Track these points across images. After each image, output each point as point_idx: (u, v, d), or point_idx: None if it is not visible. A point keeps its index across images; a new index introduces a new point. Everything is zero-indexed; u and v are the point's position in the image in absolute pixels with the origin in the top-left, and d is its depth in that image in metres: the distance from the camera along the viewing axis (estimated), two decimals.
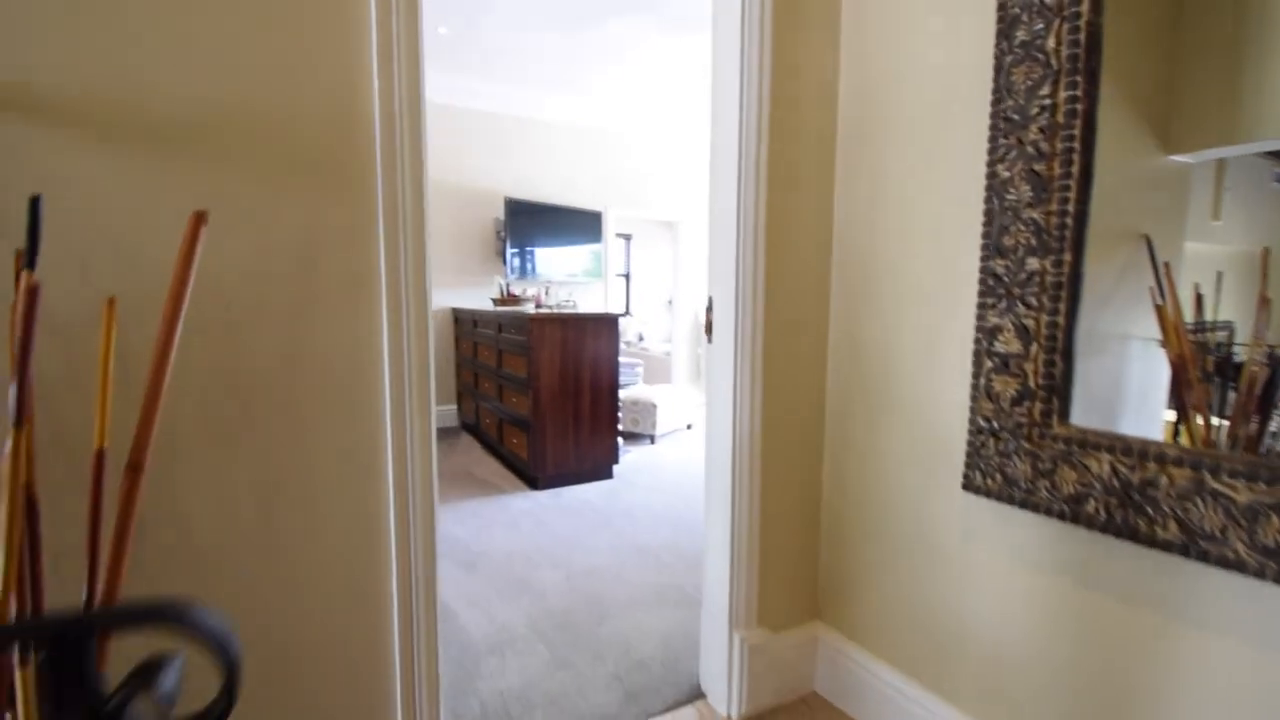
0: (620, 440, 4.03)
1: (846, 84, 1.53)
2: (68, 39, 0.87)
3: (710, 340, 1.57)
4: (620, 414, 4.19)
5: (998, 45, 1.16)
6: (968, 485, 1.25)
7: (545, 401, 3.39)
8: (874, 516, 1.51)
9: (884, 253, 1.45)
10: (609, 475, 3.67)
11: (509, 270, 4.88)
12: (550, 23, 3.70)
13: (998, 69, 1.16)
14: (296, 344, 1.05)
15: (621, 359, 4.07)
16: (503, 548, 2.66)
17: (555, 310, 3.56)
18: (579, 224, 5.42)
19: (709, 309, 1.56)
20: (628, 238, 8.26)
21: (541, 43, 3.99)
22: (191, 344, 0.96)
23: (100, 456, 0.72)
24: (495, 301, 4.42)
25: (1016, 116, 1.13)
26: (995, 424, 1.20)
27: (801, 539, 1.64)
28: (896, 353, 1.43)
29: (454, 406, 5.13)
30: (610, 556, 2.59)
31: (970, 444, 1.24)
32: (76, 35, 0.87)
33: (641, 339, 8.37)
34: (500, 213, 4.96)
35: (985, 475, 1.22)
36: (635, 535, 2.81)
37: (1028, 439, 1.14)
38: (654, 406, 4.47)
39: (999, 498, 1.20)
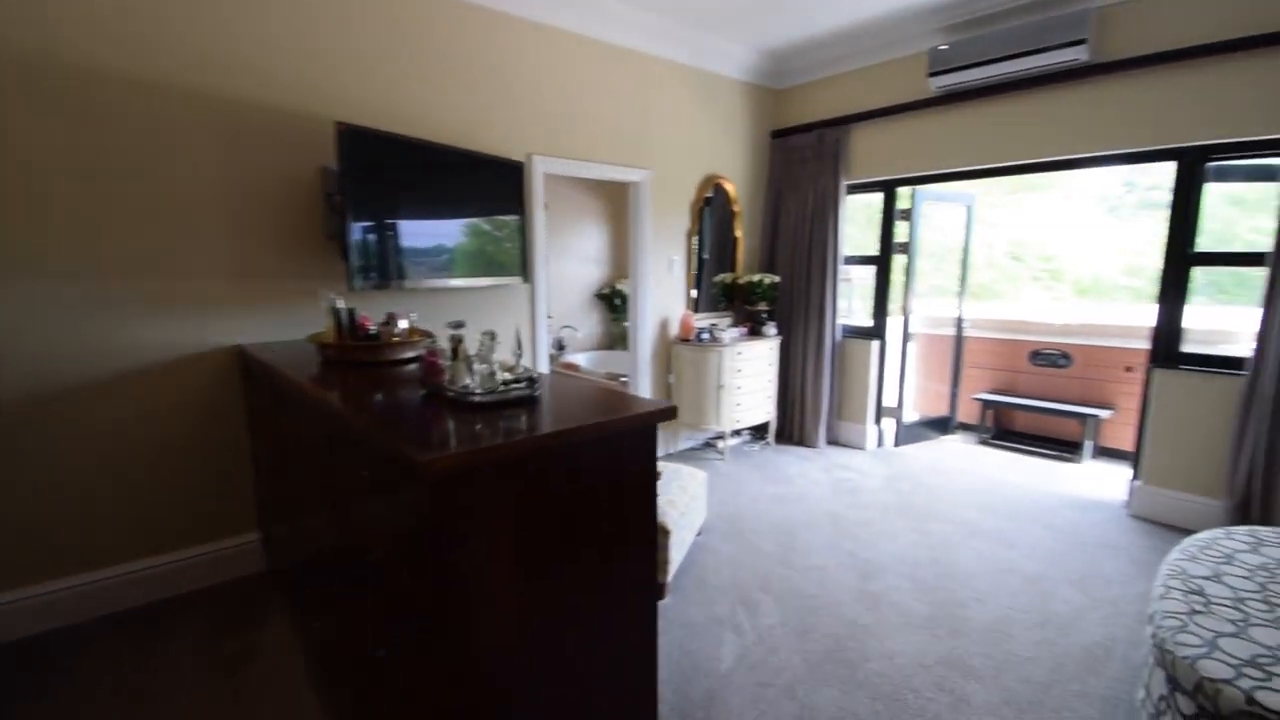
0: None
1: None
2: None
3: None
4: None
5: None
6: None
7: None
8: None
9: None
10: None
11: (353, 273, 2.45)
12: None
13: None
14: None
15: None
16: None
17: (500, 439, 1.30)
18: (480, 182, 3.08)
19: None
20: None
21: None
22: None
23: None
24: (321, 346, 2.01)
25: None
26: None
27: None
28: None
29: (253, 536, 2.65)
30: None
31: None
32: None
33: (563, 349, 6.13)
34: (330, 159, 2.50)
35: None
36: None
37: None
38: (665, 532, 2.35)
39: None
